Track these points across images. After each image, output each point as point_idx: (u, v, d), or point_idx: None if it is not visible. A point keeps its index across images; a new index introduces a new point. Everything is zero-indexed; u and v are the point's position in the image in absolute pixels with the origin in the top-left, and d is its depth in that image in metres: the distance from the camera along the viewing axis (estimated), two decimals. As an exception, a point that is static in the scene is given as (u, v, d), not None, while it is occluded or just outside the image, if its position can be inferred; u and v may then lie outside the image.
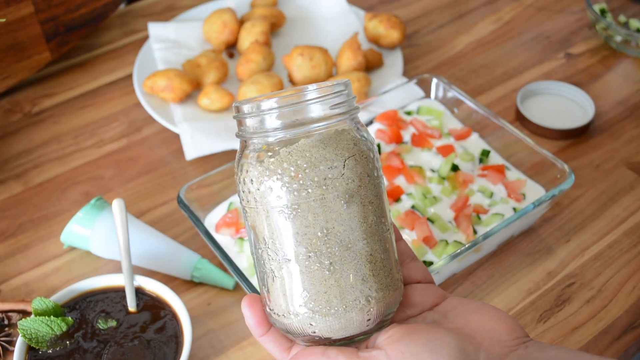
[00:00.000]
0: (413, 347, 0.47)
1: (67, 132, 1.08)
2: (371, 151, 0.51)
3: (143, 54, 1.15)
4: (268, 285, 0.51)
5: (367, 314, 0.50)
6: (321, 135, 0.49)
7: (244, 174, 0.50)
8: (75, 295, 0.79)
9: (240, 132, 0.51)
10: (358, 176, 0.49)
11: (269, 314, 0.52)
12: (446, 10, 1.32)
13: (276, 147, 0.49)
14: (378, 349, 0.48)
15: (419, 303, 0.54)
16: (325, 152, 0.48)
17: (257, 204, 0.49)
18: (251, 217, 0.51)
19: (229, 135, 1.01)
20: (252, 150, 0.50)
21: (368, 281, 0.49)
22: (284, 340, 0.52)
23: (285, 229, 0.49)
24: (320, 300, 0.49)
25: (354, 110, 0.51)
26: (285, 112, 0.49)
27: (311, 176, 0.48)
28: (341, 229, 0.49)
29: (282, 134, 0.49)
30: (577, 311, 0.83)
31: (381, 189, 0.51)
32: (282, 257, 0.49)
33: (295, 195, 0.48)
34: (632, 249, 0.90)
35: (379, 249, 0.50)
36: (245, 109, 0.50)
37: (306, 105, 0.49)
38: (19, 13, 1.06)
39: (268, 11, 1.20)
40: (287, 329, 0.51)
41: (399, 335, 0.48)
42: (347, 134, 0.50)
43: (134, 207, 0.95)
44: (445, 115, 1.01)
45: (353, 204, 0.49)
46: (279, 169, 0.48)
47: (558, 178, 0.88)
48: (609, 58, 1.20)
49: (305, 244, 0.48)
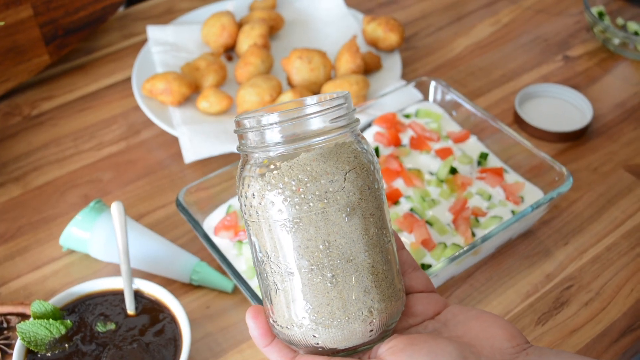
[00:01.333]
0: (415, 357, 0.47)
1: (66, 134, 1.08)
2: (372, 163, 0.51)
3: (142, 56, 1.15)
4: (271, 297, 0.51)
5: (370, 325, 0.50)
6: (322, 149, 0.49)
7: (246, 187, 0.50)
8: (74, 298, 0.79)
9: (241, 147, 0.51)
10: (359, 189, 0.49)
11: (272, 325, 0.52)
12: (445, 13, 1.32)
13: (277, 162, 0.49)
14: (380, 359, 0.49)
15: (420, 312, 0.55)
16: (326, 166, 0.49)
17: (259, 217, 0.50)
18: (254, 230, 0.51)
19: (227, 138, 1.01)
20: (254, 164, 0.50)
21: (370, 292, 0.50)
22: (287, 350, 0.52)
23: (287, 243, 0.49)
24: (323, 312, 0.49)
25: (354, 123, 0.51)
26: (286, 127, 0.49)
27: (312, 190, 0.48)
28: (343, 241, 0.49)
29: (283, 149, 0.49)
30: (575, 314, 0.83)
31: (382, 200, 0.52)
32: (285, 270, 0.50)
33: (297, 209, 0.48)
34: (630, 251, 0.90)
35: (380, 261, 0.50)
36: (246, 123, 0.50)
37: (307, 120, 0.49)
38: (18, 16, 1.06)
39: (267, 14, 1.20)
40: (291, 340, 0.51)
41: (401, 345, 0.48)
42: (347, 147, 0.50)
43: (133, 210, 0.96)
44: (444, 118, 1.01)
45: (354, 217, 0.49)
46: (280, 183, 0.48)
47: (556, 181, 0.88)
48: (607, 61, 1.21)
49: (308, 257, 0.49)
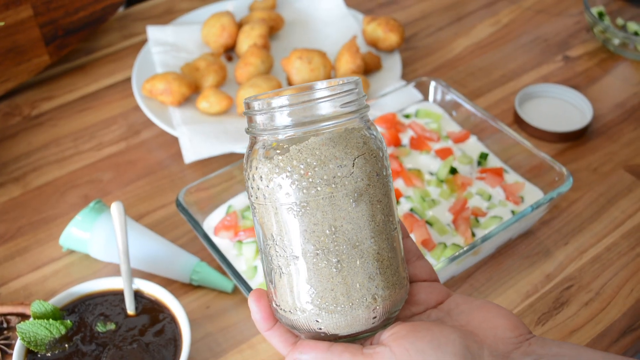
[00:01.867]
0: (418, 345, 0.47)
1: (66, 135, 1.08)
2: (380, 150, 0.51)
3: (142, 57, 1.15)
4: (275, 281, 0.51)
5: (374, 312, 0.50)
6: (331, 133, 0.49)
7: (253, 170, 0.50)
8: (74, 298, 0.79)
9: (250, 129, 0.51)
10: (367, 175, 0.49)
11: (275, 310, 0.52)
12: (445, 13, 1.32)
13: (286, 145, 0.49)
14: (383, 345, 0.48)
15: (423, 301, 0.54)
16: (334, 151, 0.48)
17: (265, 200, 0.49)
18: (260, 213, 0.51)
19: (227, 139, 1.01)
20: (262, 146, 0.50)
21: (375, 279, 0.50)
22: (289, 335, 0.52)
23: (293, 226, 0.49)
24: (327, 298, 0.49)
25: (364, 108, 0.51)
26: (296, 110, 0.49)
27: (320, 174, 0.48)
28: (349, 227, 0.49)
29: (292, 132, 0.49)
30: (575, 314, 0.83)
31: (389, 187, 0.52)
32: (290, 253, 0.49)
33: (305, 193, 0.48)
34: (630, 251, 0.90)
35: (386, 248, 0.50)
36: (256, 105, 0.50)
37: (317, 104, 0.49)
38: (18, 16, 1.06)
39: (267, 14, 1.20)
40: (293, 324, 0.51)
41: (403, 332, 0.48)
42: (356, 132, 0.50)
43: (133, 210, 0.96)
44: (444, 118, 1.01)
45: (362, 203, 0.49)
46: (289, 166, 0.48)
47: (556, 181, 0.88)
48: (606, 61, 1.21)
49: (314, 241, 0.49)
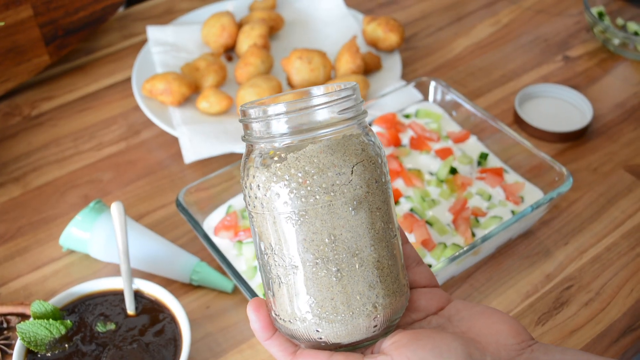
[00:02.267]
0: (420, 353, 0.47)
1: (66, 135, 1.08)
2: (379, 156, 0.50)
3: (142, 57, 1.15)
4: (274, 291, 0.50)
5: (374, 320, 0.49)
6: (329, 140, 0.48)
7: (250, 178, 0.49)
8: (74, 298, 0.79)
9: (246, 137, 0.50)
10: (366, 182, 0.48)
11: (274, 319, 0.51)
12: (445, 13, 1.32)
13: (283, 153, 0.48)
14: (384, 354, 0.48)
15: (424, 307, 0.54)
16: (333, 158, 0.47)
17: (263, 209, 0.49)
18: (257, 222, 0.50)
19: (227, 139, 1.01)
20: (259, 155, 0.49)
21: (375, 287, 0.49)
22: (288, 344, 0.51)
23: (292, 235, 0.48)
24: (327, 307, 0.48)
25: (362, 114, 0.50)
26: (293, 118, 0.48)
27: (319, 182, 0.47)
28: (349, 235, 0.48)
29: (289, 140, 0.48)
30: (575, 314, 0.83)
31: (388, 194, 0.51)
32: (289, 263, 0.49)
33: (303, 202, 0.47)
34: (630, 251, 0.90)
35: (386, 255, 0.50)
36: (252, 113, 0.49)
37: (314, 111, 0.48)
38: (18, 16, 1.06)
39: (267, 14, 1.20)
40: (293, 334, 0.50)
41: (405, 340, 0.48)
42: (355, 139, 0.49)
43: (133, 210, 0.95)
44: (444, 118, 1.01)
45: (361, 211, 0.48)
46: (286, 174, 0.47)
47: (556, 181, 0.88)
48: (606, 61, 1.21)
49: (313, 250, 0.48)
